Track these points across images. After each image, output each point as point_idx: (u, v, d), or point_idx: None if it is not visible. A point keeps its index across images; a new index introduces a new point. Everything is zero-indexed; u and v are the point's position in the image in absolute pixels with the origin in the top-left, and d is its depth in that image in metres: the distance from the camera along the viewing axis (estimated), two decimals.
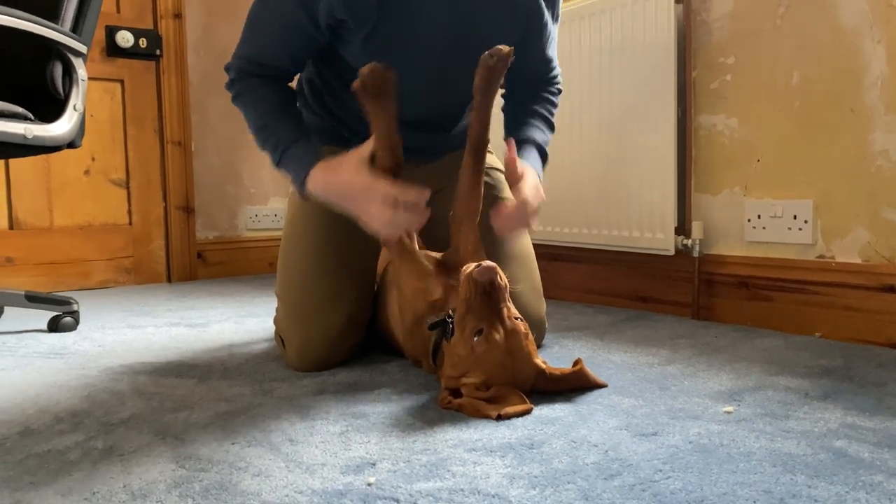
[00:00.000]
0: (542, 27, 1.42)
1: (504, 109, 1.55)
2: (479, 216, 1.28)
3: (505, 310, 1.08)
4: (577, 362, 1.15)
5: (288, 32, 1.30)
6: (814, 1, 1.55)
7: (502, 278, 1.09)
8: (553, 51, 1.51)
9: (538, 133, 1.47)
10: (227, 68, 1.37)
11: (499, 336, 1.06)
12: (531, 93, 1.52)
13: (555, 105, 1.54)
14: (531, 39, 1.43)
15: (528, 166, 1.33)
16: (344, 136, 1.49)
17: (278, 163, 1.30)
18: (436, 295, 1.21)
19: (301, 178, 1.25)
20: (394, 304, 1.32)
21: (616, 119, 1.90)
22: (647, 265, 1.92)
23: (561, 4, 1.48)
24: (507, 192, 1.55)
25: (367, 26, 1.28)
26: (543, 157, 1.46)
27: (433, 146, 1.53)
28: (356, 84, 1.20)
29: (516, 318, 1.09)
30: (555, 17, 1.46)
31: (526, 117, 1.48)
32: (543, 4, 1.39)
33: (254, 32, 1.34)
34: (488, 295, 1.06)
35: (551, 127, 1.52)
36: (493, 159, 1.60)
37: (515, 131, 1.46)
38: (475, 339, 1.06)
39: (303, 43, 1.32)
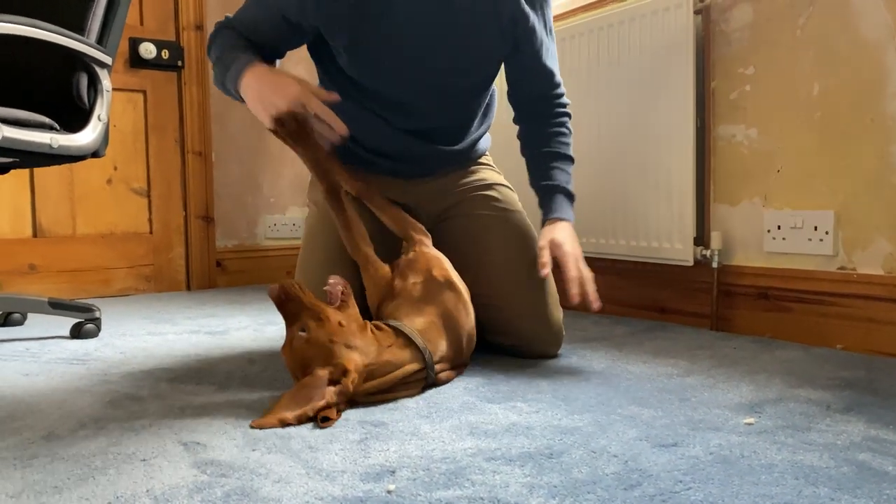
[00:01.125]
0: (531, 32, 1.44)
1: (522, 152, 1.58)
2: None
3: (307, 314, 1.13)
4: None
5: (268, 23, 1.39)
6: (834, 12, 1.54)
7: (295, 287, 1.16)
8: (553, 63, 1.53)
9: (561, 175, 1.52)
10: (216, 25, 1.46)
11: (301, 337, 1.12)
12: (541, 124, 1.55)
13: (568, 134, 1.57)
14: (524, 47, 1.45)
15: (560, 225, 1.46)
16: (359, 154, 1.50)
17: (227, 78, 1.38)
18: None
19: (240, 73, 1.34)
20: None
21: (634, 129, 1.90)
22: (666, 276, 1.92)
23: (552, 16, 1.50)
24: (515, 206, 1.56)
25: (342, 35, 1.33)
26: (571, 198, 1.52)
27: (438, 160, 1.53)
28: (271, 126, 1.31)
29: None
30: (547, 28, 1.48)
31: (546, 161, 1.53)
32: (527, 8, 1.41)
33: (249, 5, 1.42)
34: (281, 306, 1.15)
35: (571, 160, 1.57)
36: (499, 177, 1.62)
37: (540, 179, 1.53)
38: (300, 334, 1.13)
39: (279, 35, 1.40)
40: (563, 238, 1.43)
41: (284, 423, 1.04)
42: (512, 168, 1.74)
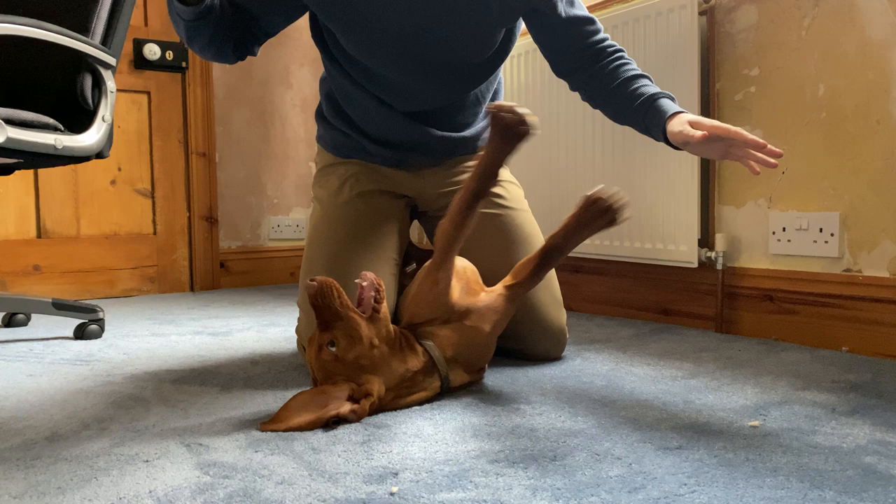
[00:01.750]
0: None
1: (595, 104, 1.45)
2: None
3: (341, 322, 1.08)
4: None
5: None
6: (840, 12, 1.54)
7: (332, 292, 1.08)
8: (580, 10, 1.40)
9: (652, 88, 1.35)
10: None
11: (330, 351, 1.08)
12: (599, 68, 1.40)
13: (632, 62, 1.41)
14: (544, 11, 1.36)
15: (682, 114, 1.28)
16: (364, 147, 1.50)
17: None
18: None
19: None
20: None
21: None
22: (671, 277, 1.91)
23: None
24: (520, 204, 1.56)
25: (331, 12, 1.31)
26: (675, 101, 1.34)
27: (444, 148, 1.53)
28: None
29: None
30: None
31: (627, 87, 1.36)
32: None
33: None
34: (318, 309, 1.09)
35: (650, 78, 1.39)
36: (505, 171, 1.61)
37: (631, 103, 1.35)
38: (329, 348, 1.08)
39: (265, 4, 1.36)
40: (698, 118, 1.25)
41: (295, 430, 1.04)
42: (512, 164, 1.73)
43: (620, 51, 1.42)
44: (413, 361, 1.15)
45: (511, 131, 1.11)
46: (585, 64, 1.42)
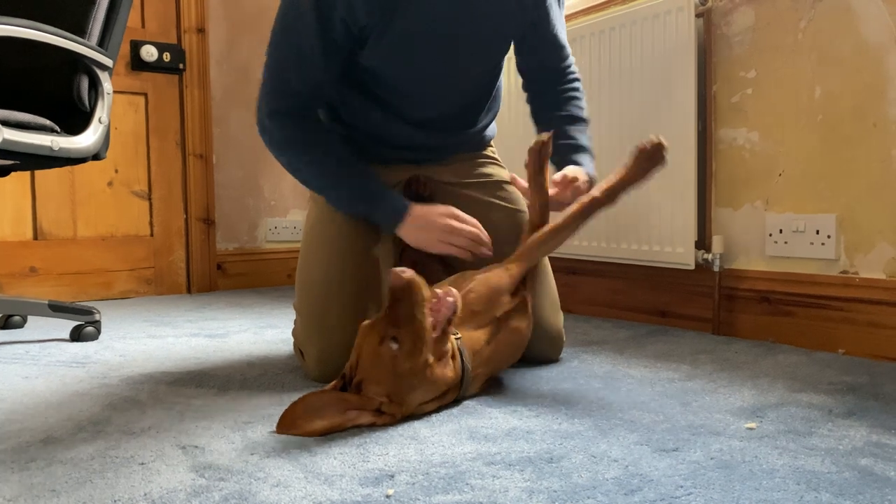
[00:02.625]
0: (549, 6, 1.46)
1: (535, 117, 1.59)
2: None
3: (418, 323, 1.04)
4: None
5: (310, 56, 1.31)
6: (836, 15, 1.54)
7: (418, 294, 1.05)
8: (564, 34, 1.55)
9: (581, 136, 1.50)
10: (259, 111, 1.37)
11: (391, 347, 1.03)
12: (555, 91, 1.55)
13: (582, 98, 1.57)
14: (541, 26, 1.47)
15: (576, 168, 1.43)
16: (359, 140, 1.49)
17: (367, 209, 1.37)
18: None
19: (397, 223, 1.35)
20: None
21: (636, 132, 1.90)
22: (667, 279, 1.91)
23: None
24: (520, 205, 1.55)
25: (383, 22, 1.29)
26: (592, 157, 1.51)
27: (446, 145, 1.53)
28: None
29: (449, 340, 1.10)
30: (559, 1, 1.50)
31: (563, 124, 1.51)
32: None
33: (272, 57, 1.35)
34: (397, 302, 1.04)
35: (587, 123, 1.55)
36: (505, 172, 1.61)
37: (558, 139, 1.47)
38: (391, 344, 1.04)
39: (325, 64, 1.32)
40: (576, 171, 1.41)
41: (310, 436, 1.01)
42: (512, 163, 1.73)
43: (577, 80, 1.57)
44: (450, 377, 1.11)
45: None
46: (546, 80, 1.56)
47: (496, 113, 1.62)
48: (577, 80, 1.58)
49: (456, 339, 1.15)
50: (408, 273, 1.04)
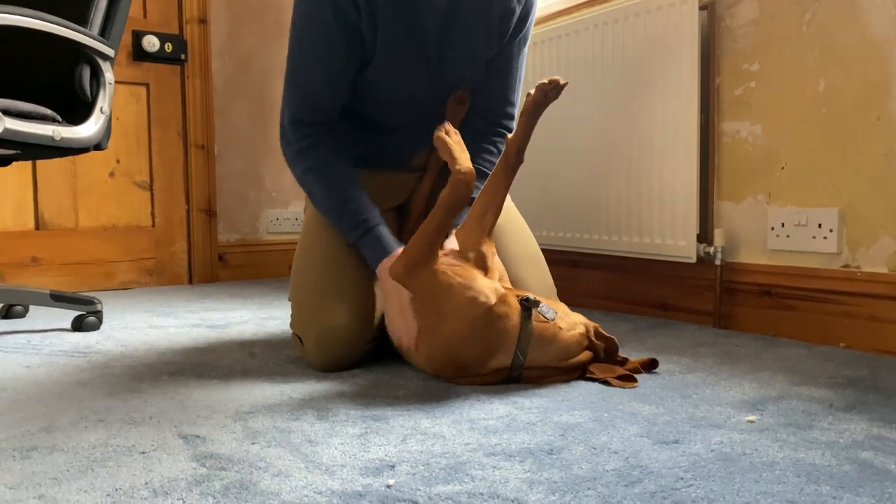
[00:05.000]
0: (524, 37, 1.47)
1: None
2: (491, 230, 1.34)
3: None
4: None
5: (331, 52, 1.33)
6: (841, 8, 1.53)
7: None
8: (519, 84, 1.52)
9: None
10: (282, 126, 1.41)
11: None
12: (475, 138, 1.49)
13: (497, 153, 1.53)
14: (506, 48, 1.46)
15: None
16: (349, 142, 1.50)
17: (355, 242, 1.38)
18: (493, 299, 1.22)
19: (375, 264, 1.36)
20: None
21: (639, 125, 1.89)
22: (669, 273, 1.91)
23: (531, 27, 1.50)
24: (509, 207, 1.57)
25: (374, 19, 1.31)
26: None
27: (425, 141, 1.53)
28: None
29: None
30: (526, 41, 1.49)
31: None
32: (530, 8, 1.44)
33: (296, 68, 1.38)
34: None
35: (486, 175, 1.53)
36: None
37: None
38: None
39: (343, 57, 1.34)
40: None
41: None
42: None
43: (502, 136, 1.53)
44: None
45: (550, 95, 1.26)
46: (475, 127, 1.51)
47: None
48: (503, 135, 1.53)
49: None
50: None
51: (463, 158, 1.23)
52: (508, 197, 1.59)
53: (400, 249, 1.31)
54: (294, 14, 1.36)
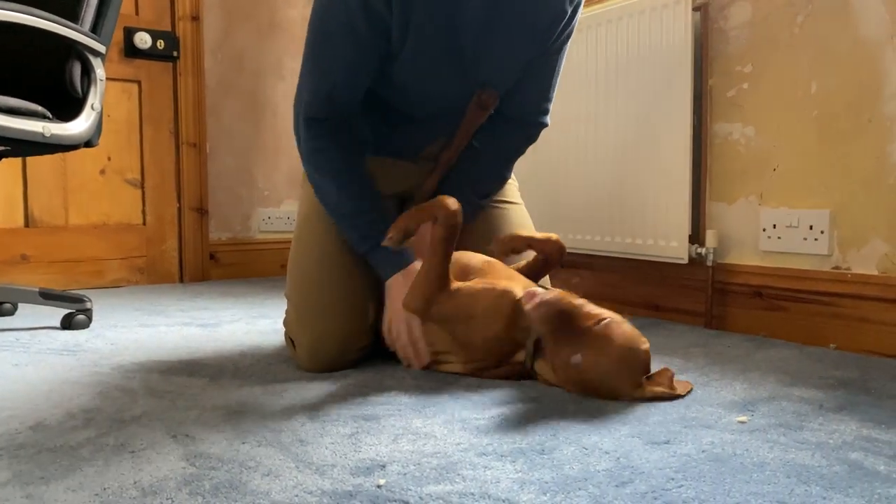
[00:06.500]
0: (564, 42, 1.43)
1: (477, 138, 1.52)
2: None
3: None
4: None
5: (355, 46, 1.28)
6: (833, 10, 1.54)
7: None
8: (555, 83, 1.51)
9: (490, 187, 1.52)
10: (296, 120, 1.37)
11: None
12: (514, 131, 1.51)
13: (525, 146, 1.55)
14: (549, 55, 1.43)
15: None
16: (364, 128, 1.48)
17: (365, 252, 1.36)
18: (519, 292, 1.24)
19: (387, 276, 1.35)
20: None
21: (631, 126, 1.90)
22: (661, 273, 1.91)
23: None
24: (514, 198, 1.56)
25: (406, 16, 1.27)
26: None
27: (441, 132, 1.52)
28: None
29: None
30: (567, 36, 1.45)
31: (479, 172, 1.51)
32: (573, 18, 1.39)
33: (315, 63, 1.32)
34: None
35: (505, 181, 1.56)
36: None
37: (470, 174, 1.49)
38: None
39: (367, 54, 1.30)
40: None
41: None
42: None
43: (531, 141, 1.55)
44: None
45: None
46: (506, 128, 1.50)
47: None
48: (536, 134, 1.55)
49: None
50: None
51: (440, 204, 1.25)
52: (518, 193, 1.59)
53: (415, 264, 1.32)
54: (316, 3, 1.30)
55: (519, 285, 1.26)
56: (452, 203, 1.25)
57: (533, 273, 1.37)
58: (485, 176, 1.51)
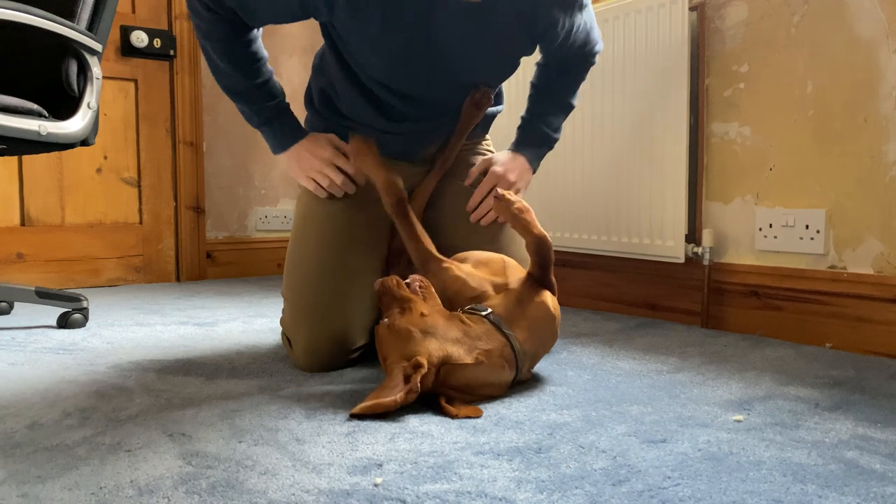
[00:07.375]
0: (557, 34, 1.39)
1: (532, 83, 1.57)
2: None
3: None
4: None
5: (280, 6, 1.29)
6: (829, 10, 1.54)
7: (393, 281, 1.18)
8: (584, 35, 1.46)
9: (553, 119, 1.54)
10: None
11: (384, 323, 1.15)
12: (564, 68, 1.54)
13: (581, 80, 1.56)
14: (548, 44, 1.44)
15: (513, 155, 1.50)
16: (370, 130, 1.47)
17: (258, 126, 1.43)
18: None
19: (281, 149, 1.43)
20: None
21: (628, 126, 1.90)
22: (657, 273, 1.92)
23: None
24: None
25: (368, 35, 1.26)
26: (547, 145, 1.55)
27: (438, 133, 1.51)
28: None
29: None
30: (579, 7, 1.39)
31: (544, 100, 1.55)
32: (557, 13, 1.35)
33: None
34: (379, 298, 1.19)
35: (571, 107, 1.57)
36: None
37: (525, 113, 1.55)
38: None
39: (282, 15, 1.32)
40: (503, 161, 1.48)
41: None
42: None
43: (589, 65, 1.55)
44: (477, 324, 1.14)
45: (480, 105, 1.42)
46: (559, 66, 1.54)
47: (499, 109, 1.61)
48: (590, 64, 1.55)
49: (487, 314, 1.16)
50: (377, 281, 1.19)
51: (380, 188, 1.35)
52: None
53: (316, 134, 1.43)
54: None
55: (490, 285, 1.23)
56: (382, 181, 1.34)
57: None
58: (553, 110, 1.55)
